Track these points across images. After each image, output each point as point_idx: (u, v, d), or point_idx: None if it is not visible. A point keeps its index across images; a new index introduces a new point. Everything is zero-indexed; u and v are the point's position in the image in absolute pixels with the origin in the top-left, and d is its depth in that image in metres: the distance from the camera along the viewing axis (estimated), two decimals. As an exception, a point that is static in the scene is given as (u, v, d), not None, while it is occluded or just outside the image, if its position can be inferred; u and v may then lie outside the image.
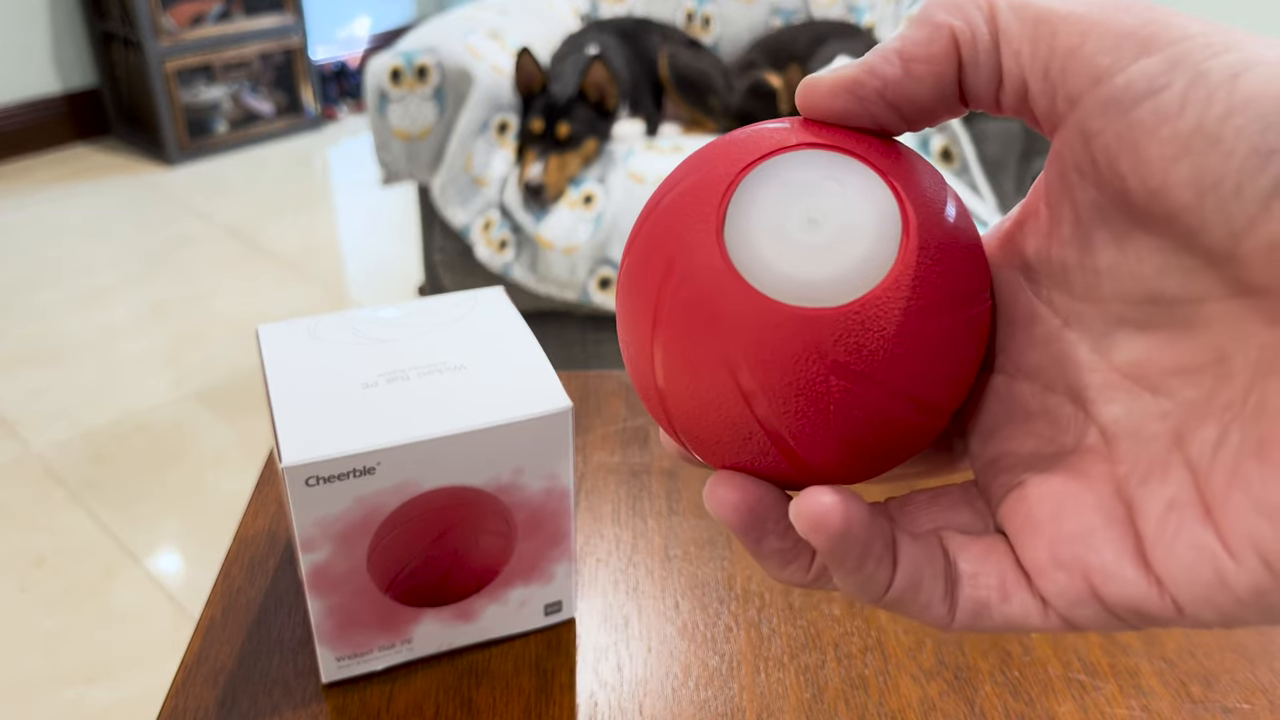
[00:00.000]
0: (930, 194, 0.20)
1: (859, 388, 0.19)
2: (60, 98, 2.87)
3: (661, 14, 1.96)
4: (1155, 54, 0.17)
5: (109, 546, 1.50)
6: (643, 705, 0.40)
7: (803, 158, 0.20)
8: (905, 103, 0.20)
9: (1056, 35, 0.18)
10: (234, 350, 1.98)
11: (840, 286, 0.19)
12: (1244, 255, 0.16)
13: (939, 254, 0.20)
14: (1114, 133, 0.17)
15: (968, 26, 0.19)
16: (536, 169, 1.52)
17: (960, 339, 0.20)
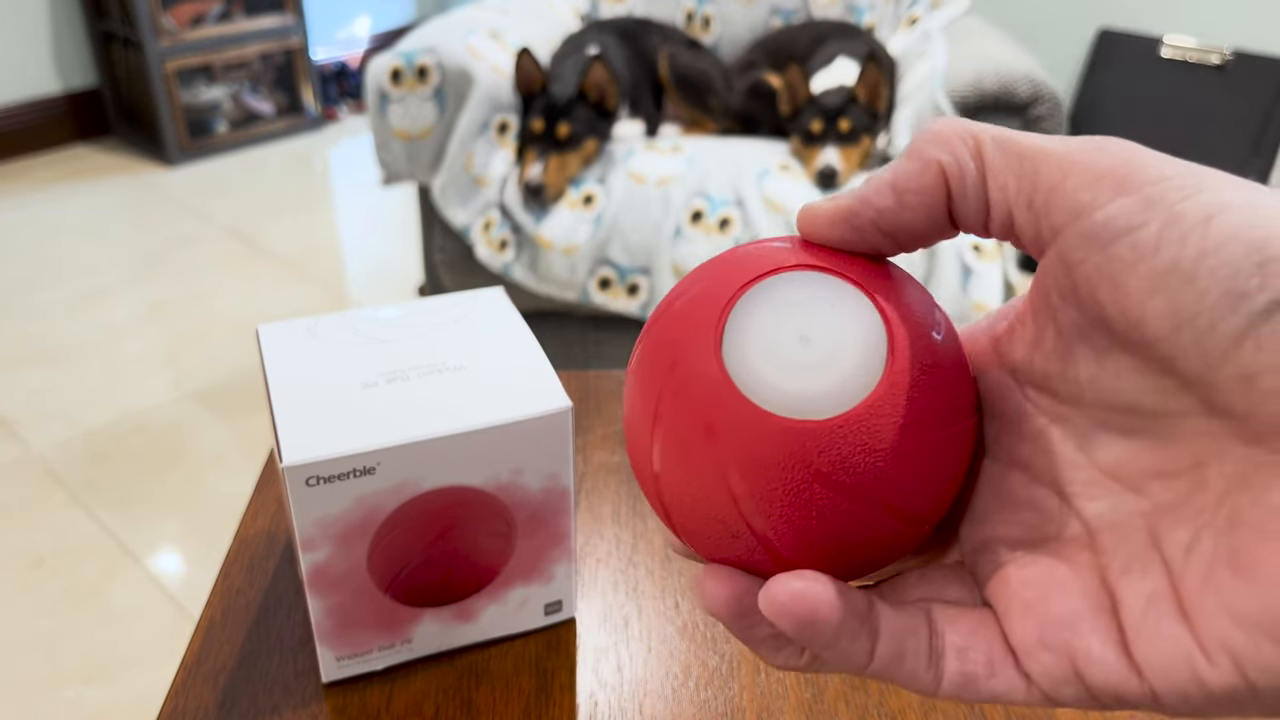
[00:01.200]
0: (917, 316, 0.22)
1: (842, 498, 0.21)
2: (60, 98, 2.87)
3: (661, 14, 1.96)
4: (1132, 193, 0.18)
5: (109, 546, 1.50)
6: (643, 705, 0.40)
7: (797, 278, 0.22)
8: (899, 231, 0.21)
9: (1039, 171, 0.19)
10: (234, 350, 1.98)
11: (827, 401, 0.21)
12: (1218, 383, 0.17)
13: (923, 374, 0.21)
14: (1094, 264, 0.18)
15: (955, 161, 0.20)
16: (536, 169, 1.52)
17: (943, 455, 0.21)
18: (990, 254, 1.49)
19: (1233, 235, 0.17)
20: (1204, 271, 0.17)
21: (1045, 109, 1.49)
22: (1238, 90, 2.01)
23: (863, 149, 1.56)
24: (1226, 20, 2.03)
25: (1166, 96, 2.09)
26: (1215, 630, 0.17)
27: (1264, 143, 1.99)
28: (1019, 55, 1.57)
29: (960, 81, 1.50)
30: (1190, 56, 2.06)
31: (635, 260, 1.53)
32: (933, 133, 0.21)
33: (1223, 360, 0.17)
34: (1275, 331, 0.16)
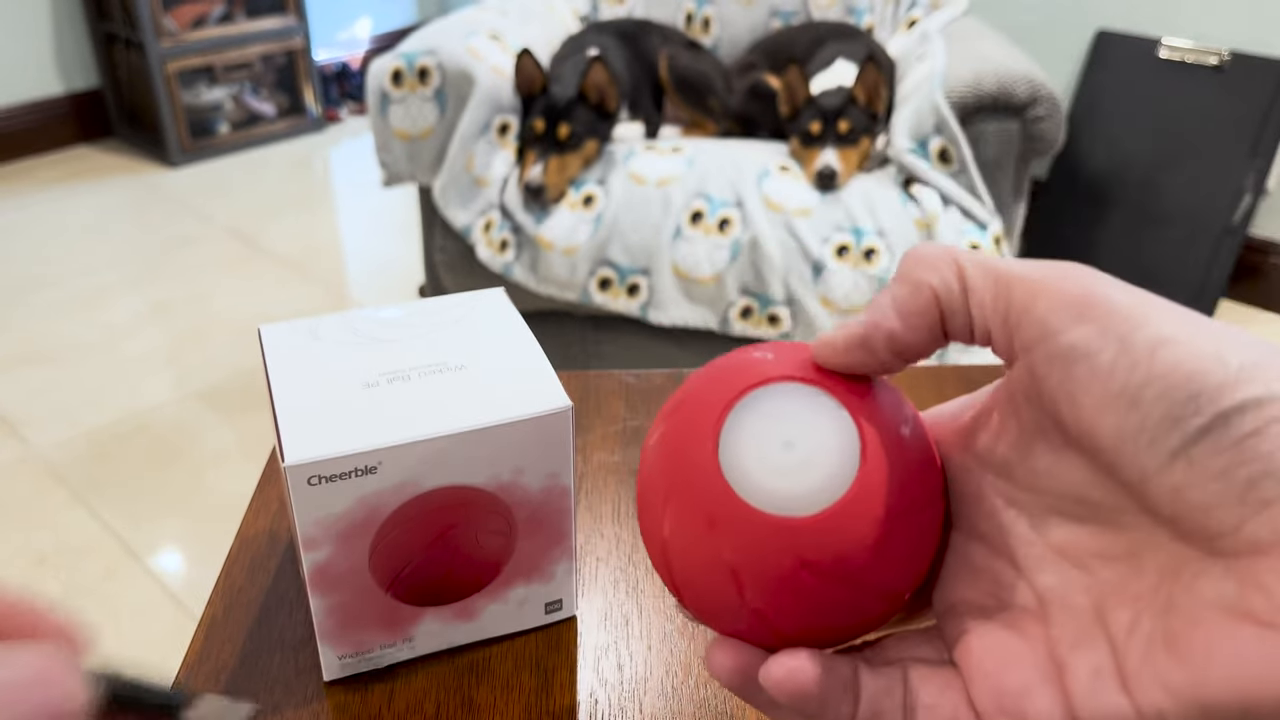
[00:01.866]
0: (887, 420, 0.25)
1: (826, 582, 0.24)
2: (62, 99, 2.87)
3: (661, 15, 1.96)
4: (1092, 323, 0.21)
5: (111, 546, 1.51)
6: (643, 704, 0.40)
7: (781, 389, 0.25)
8: (905, 349, 0.24)
9: (1012, 293, 0.22)
10: (235, 350, 1.98)
11: (810, 500, 0.24)
12: (1153, 490, 0.20)
13: (892, 472, 0.24)
14: (1057, 380, 0.22)
15: (944, 283, 0.23)
16: (536, 170, 1.52)
17: (913, 538, 0.25)
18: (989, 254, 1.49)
19: (1173, 368, 0.20)
20: (1147, 398, 0.20)
21: (1043, 110, 1.49)
22: (1235, 91, 2.02)
23: (862, 150, 1.57)
24: (1224, 22, 2.03)
25: (1164, 98, 2.09)
26: (1152, 701, 0.20)
27: (1261, 144, 1.99)
28: (1017, 56, 1.57)
29: (959, 82, 1.51)
30: (1188, 58, 2.06)
31: (635, 261, 1.54)
32: (919, 258, 0.24)
33: (1158, 473, 0.20)
34: (1203, 453, 0.19)
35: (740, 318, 1.55)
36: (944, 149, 1.51)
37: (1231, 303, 2.15)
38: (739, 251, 1.51)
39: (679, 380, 0.60)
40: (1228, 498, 0.19)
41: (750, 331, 1.56)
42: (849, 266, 1.49)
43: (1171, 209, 2.10)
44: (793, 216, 1.50)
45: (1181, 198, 2.08)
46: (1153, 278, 2.12)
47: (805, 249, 1.50)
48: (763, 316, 1.54)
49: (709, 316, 1.56)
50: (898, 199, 1.51)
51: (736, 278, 1.52)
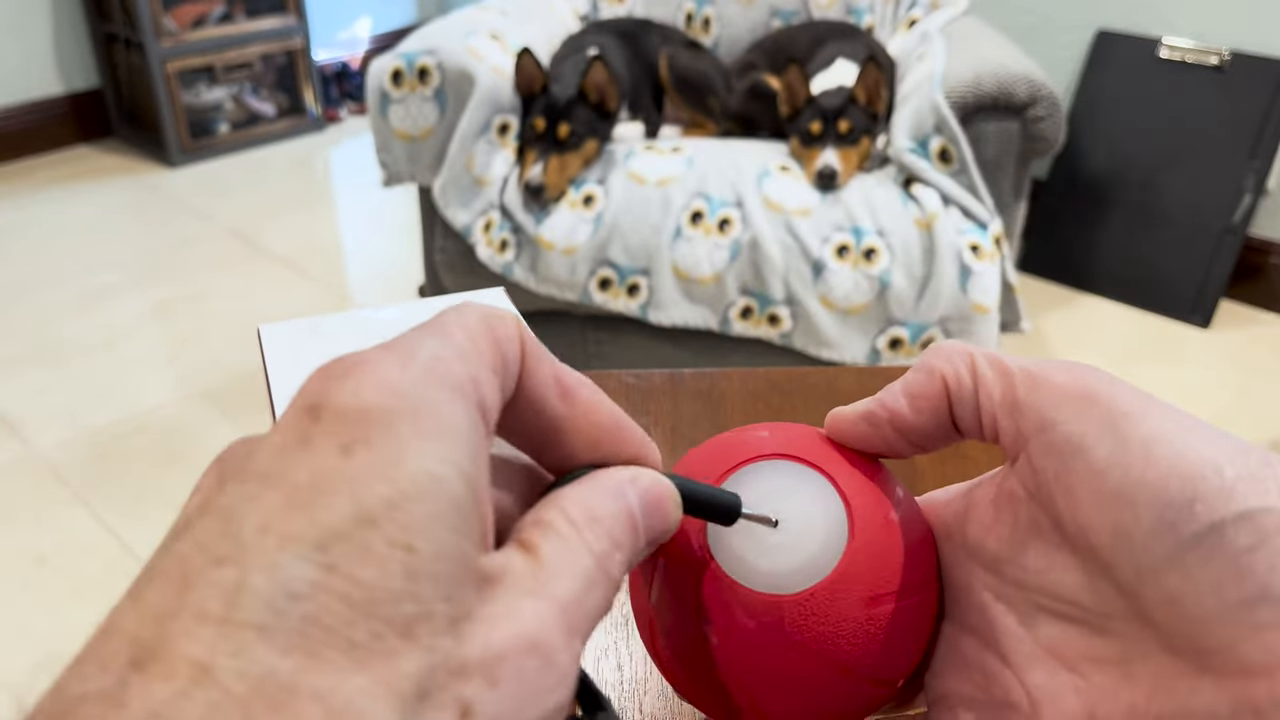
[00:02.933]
0: (879, 503, 0.25)
1: (813, 662, 0.24)
2: (62, 99, 2.87)
3: (661, 15, 1.96)
4: (1089, 416, 0.21)
5: (111, 545, 1.51)
6: (643, 704, 0.40)
7: (772, 466, 0.25)
8: (910, 431, 0.25)
9: (1017, 385, 0.23)
10: (235, 350, 1.98)
11: (795, 578, 0.24)
12: (1146, 597, 0.20)
13: (880, 554, 0.24)
14: (1053, 473, 0.22)
15: (955, 373, 0.24)
16: (536, 169, 1.52)
17: (902, 623, 0.24)
18: (989, 254, 1.49)
19: (1169, 469, 0.20)
20: (1142, 498, 0.20)
21: (1044, 109, 1.49)
22: (1236, 91, 2.02)
23: (862, 150, 1.57)
24: (1224, 21, 2.03)
25: (1164, 98, 2.09)
26: None
27: (1261, 144, 1.99)
28: (1017, 56, 1.57)
29: (959, 82, 1.51)
30: (1188, 58, 2.06)
31: (635, 261, 1.54)
32: (936, 348, 0.24)
33: (1153, 577, 0.20)
34: (1197, 562, 0.19)
35: (740, 318, 1.55)
36: (944, 149, 1.51)
37: (1231, 303, 2.15)
38: (739, 251, 1.51)
39: (679, 380, 0.60)
40: (1222, 615, 0.19)
41: (750, 331, 1.56)
42: (849, 266, 1.49)
43: (1172, 209, 2.10)
44: (793, 216, 1.50)
45: (1182, 198, 2.08)
46: (1153, 278, 2.12)
47: (805, 249, 1.50)
48: (763, 316, 1.54)
49: (709, 316, 1.56)
50: (898, 199, 1.51)
51: (736, 278, 1.52)
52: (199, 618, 0.14)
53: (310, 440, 0.16)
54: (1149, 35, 2.11)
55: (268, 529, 0.15)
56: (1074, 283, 2.22)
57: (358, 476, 0.15)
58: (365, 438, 0.16)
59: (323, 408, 0.16)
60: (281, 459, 0.16)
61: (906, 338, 1.52)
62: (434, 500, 0.16)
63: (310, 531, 0.15)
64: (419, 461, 0.16)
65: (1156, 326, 2.09)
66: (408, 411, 0.16)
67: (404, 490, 0.16)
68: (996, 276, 1.50)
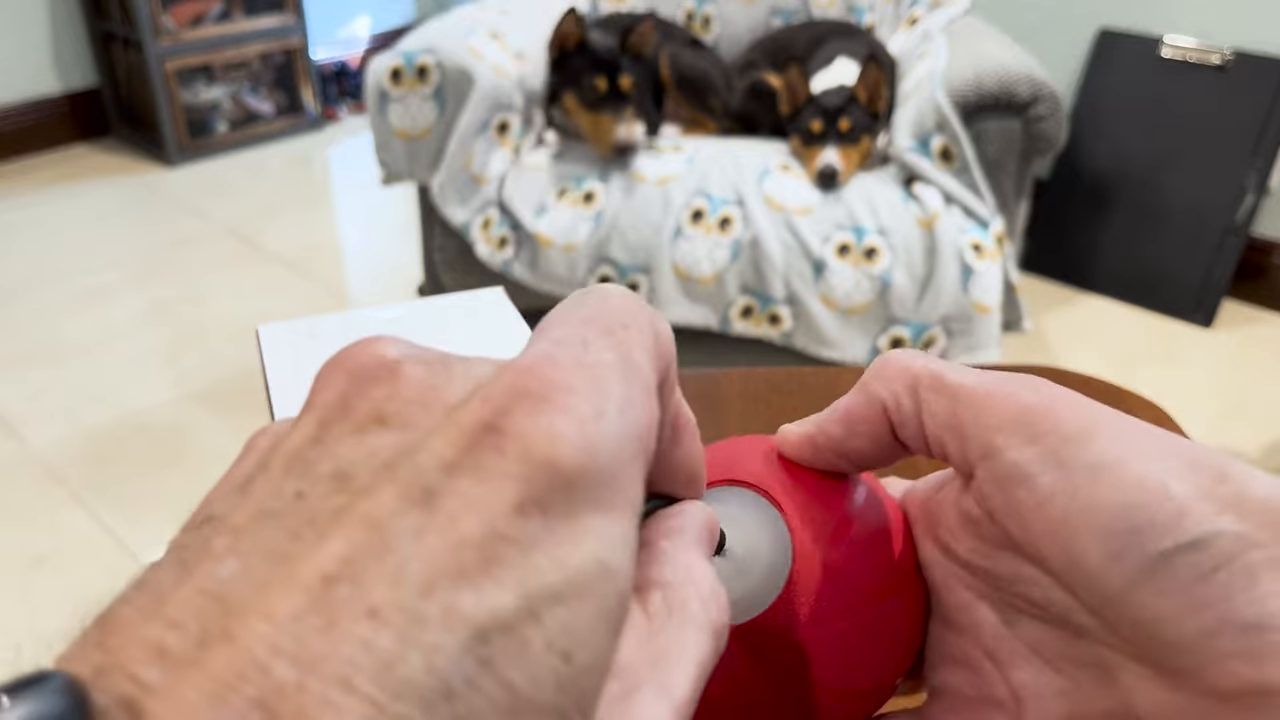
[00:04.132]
0: (825, 518, 0.24)
1: (782, 685, 0.24)
2: (60, 98, 2.87)
3: (662, 14, 1.96)
4: (1035, 443, 0.20)
5: (109, 546, 1.50)
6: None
7: (724, 493, 0.25)
8: (851, 454, 0.24)
9: (960, 406, 0.22)
10: (234, 350, 1.98)
11: (744, 605, 0.24)
12: (1111, 619, 0.20)
13: (828, 575, 0.24)
14: (1001, 502, 0.21)
15: (894, 397, 0.23)
16: (639, 129, 1.54)
17: (866, 636, 0.24)
18: (990, 253, 1.49)
19: (1111, 497, 0.19)
20: (1088, 528, 0.19)
21: (1045, 108, 1.49)
22: (1238, 90, 2.01)
23: (862, 149, 1.56)
24: (1227, 20, 2.03)
25: (1166, 96, 2.09)
26: None
27: (1264, 143, 1.99)
28: (1019, 55, 1.57)
29: (960, 81, 1.50)
30: (1190, 57, 2.06)
31: (635, 259, 1.53)
32: (878, 370, 0.24)
33: (1112, 606, 0.19)
34: (1153, 594, 0.18)
35: (741, 317, 1.54)
36: (945, 148, 1.51)
37: (1234, 302, 2.15)
38: (739, 250, 1.50)
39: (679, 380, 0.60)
40: (1184, 644, 0.18)
41: (750, 331, 1.55)
42: (850, 265, 1.49)
43: (1174, 208, 2.09)
44: (794, 215, 1.50)
45: (1184, 197, 2.08)
46: (1155, 277, 2.12)
47: (806, 248, 1.49)
48: (763, 316, 1.54)
49: (709, 316, 1.55)
50: (899, 198, 1.51)
51: (737, 277, 1.52)
52: (343, 686, 0.12)
53: (484, 471, 0.14)
54: (1151, 34, 2.11)
55: (432, 592, 0.13)
56: (1076, 282, 2.22)
57: (532, 552, 0.14)
58: (547, 501, 0.14)
59: (506, 435, 0.14)
60: (449, 481, 0.14)
61: (908, 337, 1.52)
62: (600, 599, 0.14)
63: (477, 614, 0.13)
64: (595, 547, 0.14)
65: (1158, 326, 2.09)
66: (595, 479, 0.15)
67: (573, 581, 0.14)
68: (998, 276, 1.49)
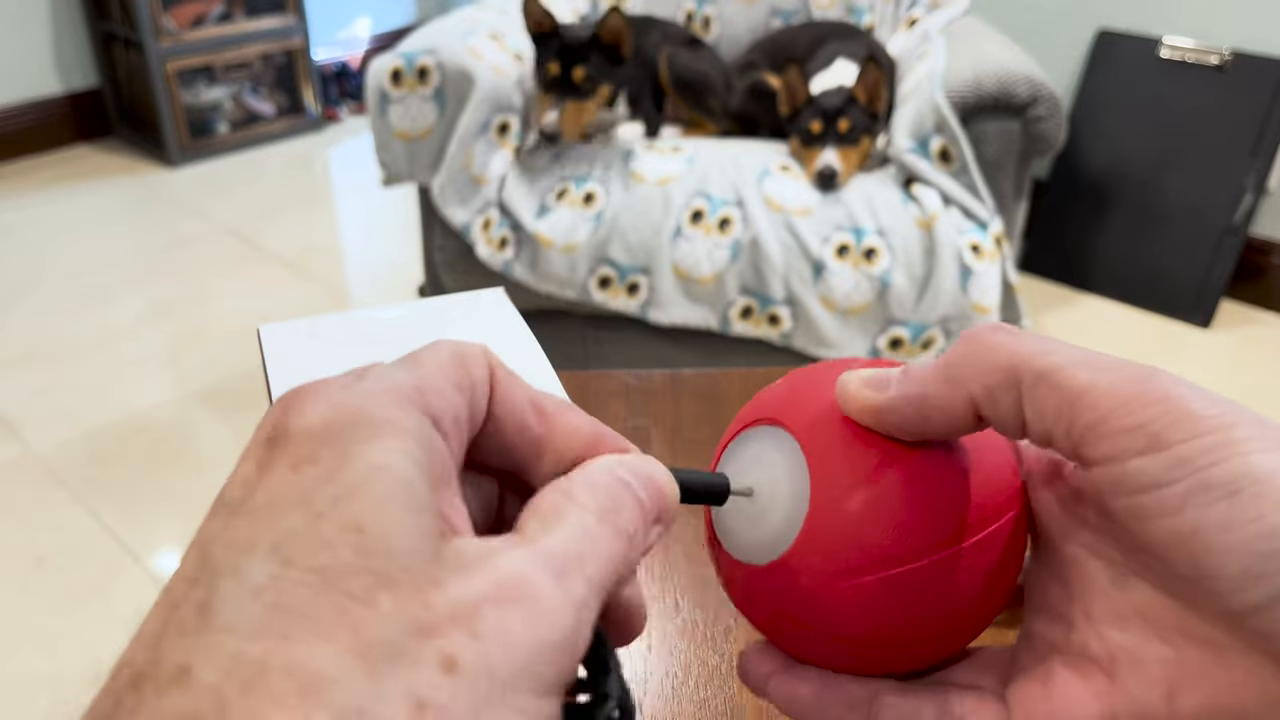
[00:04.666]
0: (854, 468, 0.23)
1: (799, 629, 0.24)
2: (62, 98, 2.87)
3: (661, 15, 1.96)
4: (1163, 451, 0.19)
5: (110, 546, 1.50)
6: (642, 704, 0.40)
7: (760, 434, 0.25)
8: (920, 435, 0.23)
9: (1077, 404, 0.20)
10: (235, 350, 1.98)
11: (764, 549, 0.24)
12: (1238, 626, 0.19)
13: (844, 526, 0.23)
14: (1123, 505, 0.20)
15: (986, 393, 0.21)
16: (552, 116, 1.52)
17: (872, 598, 0.23)
18: (990, 254, 1.49)
19: (1256, 518, 0.18)
20: (1222, 546, 0.18)
21: (1044, 109, 1.49)
22: (1236, 91, 2.02)
23: (862, 150, 1.56)
24: (1225, 21, 2.03)
25: (1165, 97, 2.09)
26: None
27: (1263, 143, 1.99)
28: (1018, 56, 1.57)
29: (959, 82, 1.51)
30: (1189, 57, 2.06)
31: (635, 259, 1.54)
32: (967, 354, 0.22)
33: (1243, 619, 0.18)
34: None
35: (740, 317, 1.55)
36: (945, 148, 1.51)
37: (1232, 302, 2.15)
38: (739, 251, 1.51)
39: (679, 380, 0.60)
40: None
41: (750, 331, 1.56)
42: (849, 266, 1.49)
43: (1172, 209, 2.10)
44: (793, 216, 1.50)
45: (1182, 197, 2.08)
46: (1154, 277, 2.12)
47: (805, 248, 1.49)
48: (763, 316, 1.54)
49: (709, 316, 1.56)
50: (898, 198, 1.51)
51: (737, 277, 1.52)
52: (180, 632, 0.16)
53: (268, 466, 0.17)
54: (1150, 35, 2.11)
55: (231, 546, 0.16)
56: (1074, 282, 2.22)
57: (307, 486, 0.17)
58: (313, 455, 0.17)
59: (278, 435, 0.18)
60: (244, 488, 0.17)
61: (907, 337, 1.52)
62: (380, 484, 0.17)
63: (267, 536, 0.16)
64: (362, 459, 0.17)
65: (1157, 326, 2.09)
66: (350, 423, 0.18)
67: (349, 484, 0.17)
68: (997, 276, 1.50)
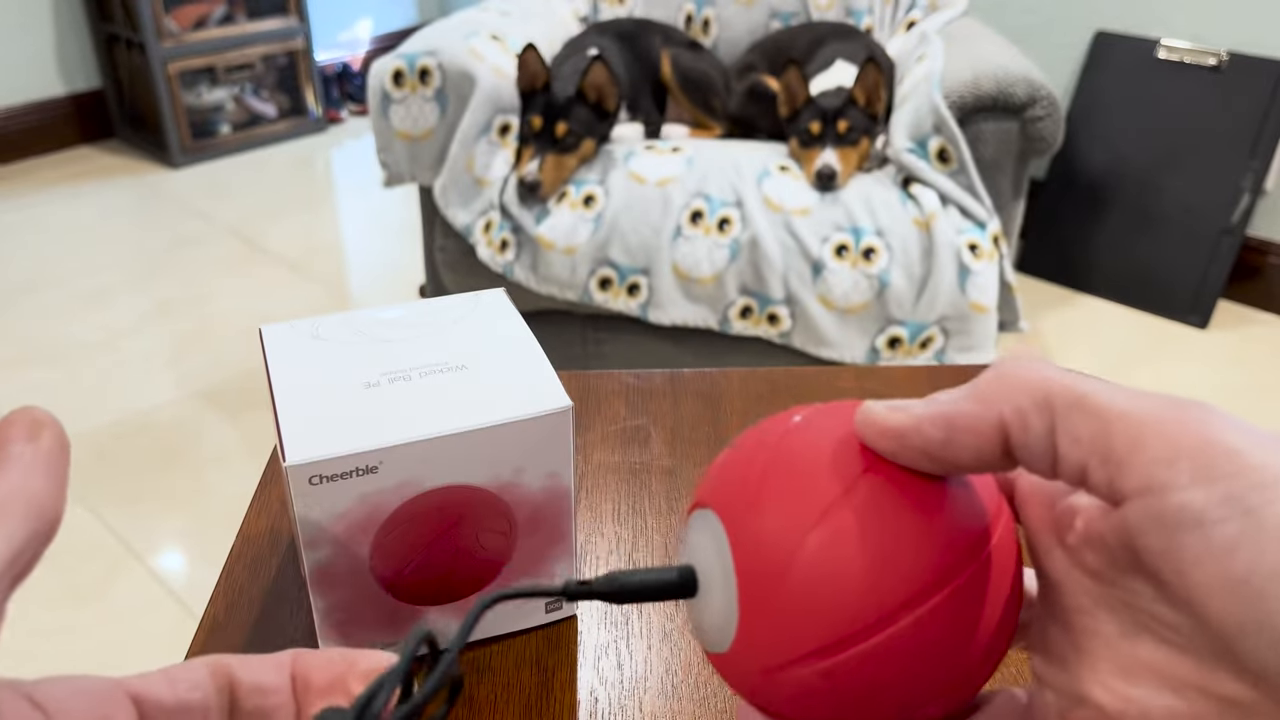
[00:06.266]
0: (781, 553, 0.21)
1: (770, 714, 0.23)
2: (64, 100, 2.87)
3: (661, 17, 1.97)
4: (1211, 484, 0.17)
5: (112, 545, 1.51)
6: (643, 702, 0.40)
7: (698, 518, 0.24)
8: (943, 460, 0.21)
9: (1113, 434, 0.19)
10: (237, 350, 1.99)
11: (715, 637, 0.23)
12: (1273, 681, 0.17)
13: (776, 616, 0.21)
14: (1160, 545, 0.18)
15: (1018, 414, 0.20)
16: (533, 166, 1.52)
17: (826, 686, 0.21)
18: (988, 254, 1.49)
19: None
20: (1277, 594, 0.16)
21: (1042, 110, 1.49)
22: (1234, 92, 2.02)
23: (861, 150, 1.57)
24: (1222, 22, 2.03)
25: (1163, 98, 2.10)
26: None
27: (1260, 144, 1.99)
28: (1016, 57, 1.57)
29: (957, 83, 1.51)
30: (1186, 58, 2.06)
31: (635, 260, 1.54)
32: (1000, 378, 0.20)
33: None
34: None
35: (740, 317, 1.55)
36: (943, 149, 1.51)
37: (1229, 303, 2.15)
38: (738, 251, 1.51)
39: (679, 380, 0.60)
40: None
41: (750, 331, 1.56)
42: (848, 266, 1.49)
43: (1170, 209, 2.10)
44: (792, 216, 1.50)
45: (1180, 198, 2.09)
46: (1151, 278, 2.12)
47: (804, 248, 1.50)
48: (762, 316, 1.54)
49: (709, 316, 1.56)
50: (897, 199, 1.52)
51: (736, 277, 1.52)
52: None
53: None
54: (1147, 36, 2.11)
55: None
56: (1072, 283, 2.22)
57: None
58: None
59: None
60: None
61: (905, 337, 1.52)
62: None
63: None
64: None
65: (1154, 326, 2.09)
66: None
67: None
68: (995, 276, 1.50)
